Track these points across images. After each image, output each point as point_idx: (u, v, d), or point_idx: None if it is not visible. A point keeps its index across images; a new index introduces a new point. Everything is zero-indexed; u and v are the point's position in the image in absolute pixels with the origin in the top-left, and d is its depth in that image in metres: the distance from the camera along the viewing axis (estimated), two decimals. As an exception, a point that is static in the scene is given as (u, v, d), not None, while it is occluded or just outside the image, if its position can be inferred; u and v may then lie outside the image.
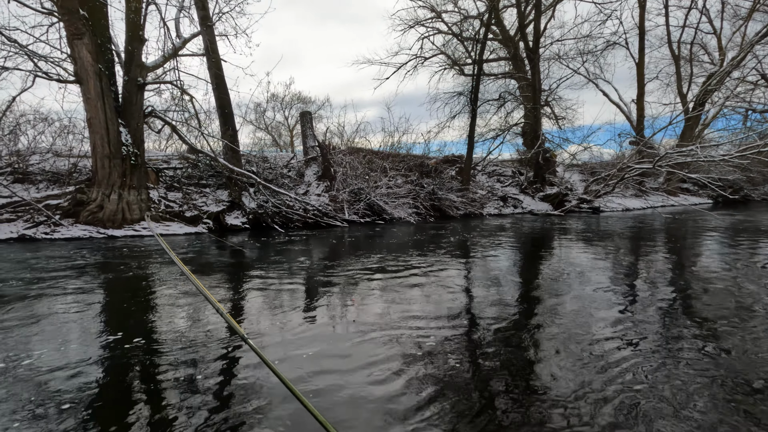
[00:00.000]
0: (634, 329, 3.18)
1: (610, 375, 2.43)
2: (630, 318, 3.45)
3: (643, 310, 3.67)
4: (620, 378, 2.40)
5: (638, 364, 2.57)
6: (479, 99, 16.72)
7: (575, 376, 2.42)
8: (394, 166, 14.26)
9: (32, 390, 2.28)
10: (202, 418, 2.01)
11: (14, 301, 3.99)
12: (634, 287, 4.53)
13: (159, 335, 3.14)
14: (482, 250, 7.20)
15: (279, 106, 25.52)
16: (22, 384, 2.34)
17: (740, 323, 3.31)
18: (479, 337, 3.06)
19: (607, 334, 3.06)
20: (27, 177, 9.79)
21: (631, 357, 2.67)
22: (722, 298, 4.06)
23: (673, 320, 3.41)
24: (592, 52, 20.38)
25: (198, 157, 11.55)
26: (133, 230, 9.04)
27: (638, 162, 15.34)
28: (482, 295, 4.23)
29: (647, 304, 3.86)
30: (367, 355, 2.72)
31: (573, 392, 2.24)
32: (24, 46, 8.85)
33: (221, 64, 11.22)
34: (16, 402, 2.16)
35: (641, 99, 20.68)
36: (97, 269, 5.52)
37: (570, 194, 16.36)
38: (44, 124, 11.29)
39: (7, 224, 8.45)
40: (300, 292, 4.44)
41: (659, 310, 3.66)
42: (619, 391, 2.25)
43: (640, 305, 3.82)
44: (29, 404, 2.13)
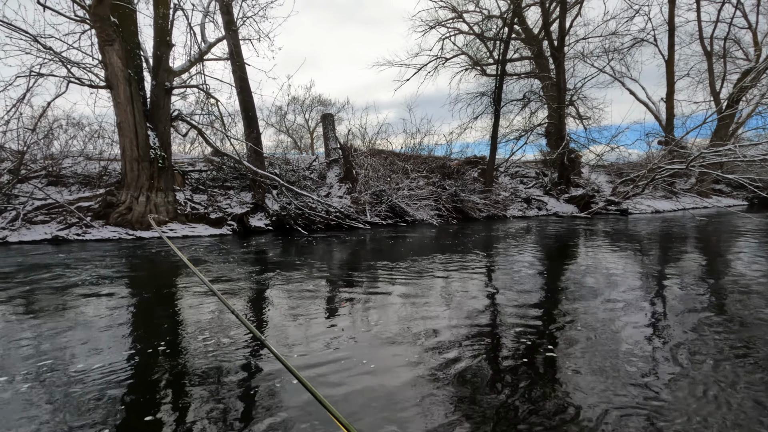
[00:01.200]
0: (666, 340, 2.98)
1: (637, 389, 2.27)
2: (661, 327, 3.26)
3: (675, 318, 3.46)
4: (649, 393, 2.23)
5: (669, 378, 2.40)
6: (502, 99, 16.45)
7: (601, 390, 2.27)
8: (415, 168, 14.15)
9: (63, 388, 2.28)
10: (223, 418, 1.96)
11: (48, 301, 4.07)
12: (666, 293, 4.30)
13: (183, 336, 3.13)
14: (506, 253, 7.02)
15: (300, 109, 25.75)
16: (54, 382, 2.35)
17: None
18: (501, 345, 2.93)
19: (636, 345, 2.87)
20: (60, 180, 10.10)
21: (661, 371, 2.50)
22: (760, 305, 3.81)
23: (707, 330, 3.18)
24: (618, 50, 19.82)
25: (223, 160, 11.70)
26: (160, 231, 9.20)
27: (669, 162, 14.78)
28: (506, 301, 4.08)
29: (679, 311, 3.64)
30: (386, 359, 2.64)
31: (598, 407, 2.10)
32: (58, 53, 9.14)
33: (245, 67, 11.35)
34: (47, 399, 2.16)
35: (671, 97, 19.97)
36: (126, 270, 5.60)
37: (596, 196, 15.90)
38: (76, 128, 11.63)
39: (42, 225, 8.72)
40: (321, 294, 4.39)
41: (692, 318, 3.44)
42: (645, 407, 2.10)
43: (672, 313, 3.60)
44: (60, 401, 2.13)
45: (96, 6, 8.29)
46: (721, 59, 20.50)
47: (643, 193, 15.55)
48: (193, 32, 10.61)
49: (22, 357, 2.77)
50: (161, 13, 9.47)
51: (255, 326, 3.39)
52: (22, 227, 8.47)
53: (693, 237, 8.97)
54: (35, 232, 8.48)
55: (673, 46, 19.76)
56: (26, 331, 3.28)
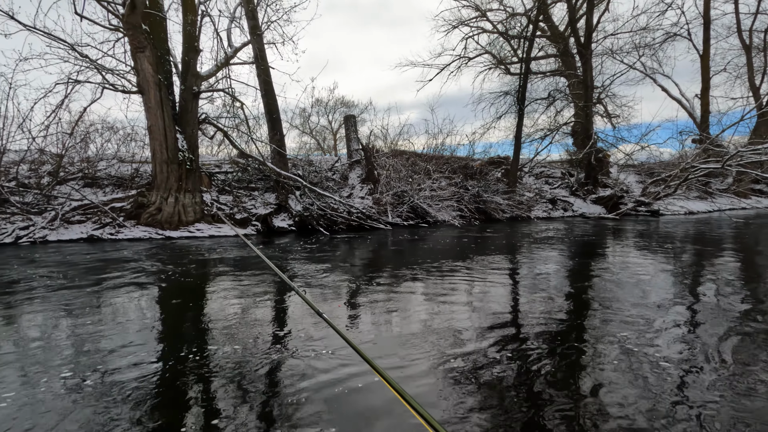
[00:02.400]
0: (702, 349, 2.85)
1: (672, 405, 2.19)
2: (696, 336, 3.12)
3: (712, 327, 3.30)
4: (683, 406, 2.15)
5: (706, 392, 2.30)
6: (526, 98, 16.15)
7: (632, 402, 2.20)
8: (437, 169, 14.09)
9: (99, 384, 2.39)
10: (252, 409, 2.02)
11: (85, 296, 4.27)
12: (701, 300, 4.11)
13: (211, 335, 3.22)
14: (530, 255, 6.90)
15: (323, 111, 26.03)
16: (86, 373, 2.47)
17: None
18: (526, 349, 2.88)
19: (670, 355, 2.76)
20: (95, 181, 10.57)
21: (697, 383, 2.40)
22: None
23: (747, 341, 3.04)
24: (649, 45, 19.13)
25: (247, 162, 11.97)
26: (188, 231, 9.50)
27: (704, 161, 14.17)
28: (530, 304, 4.01)
29: (717, 320, 3.46)
30: (407, 362, 2.63)
31: (632, 420, 2.03)
32: (94, 60, 9.58)
33: (269, 71, 11.58)
34: (79, 389, 2.27)
35: (706, 94, 19.14)
36: (156, 268, 5.82)
37: (625, 196, 15.41)
38: (110, 132, 12.16)
39: (78, 225, 9.15)
40: (343, 294, 4.43)
41: (731, 328, 3.28)
42: (682, 419, 2.02)
43: (708, 322, 3.42)
44: (94, 393, 2.24)
45: (129, 15, 8.64)
46: (761, 53, 19.50)
47: (676, 193, 14.97)
48: (220, 37, 10.92)
49: (61, 353, 2.92)
50: (189, 19, 9.78)
51: (277, 320, 3.46)
52: (60, 227, 8.91)
53: (729, 240, 8.57)
54: (72, 232, 8.90)
55: (708, 40, 18.95)
56: (65, 326, 3.46)
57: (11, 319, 3.64)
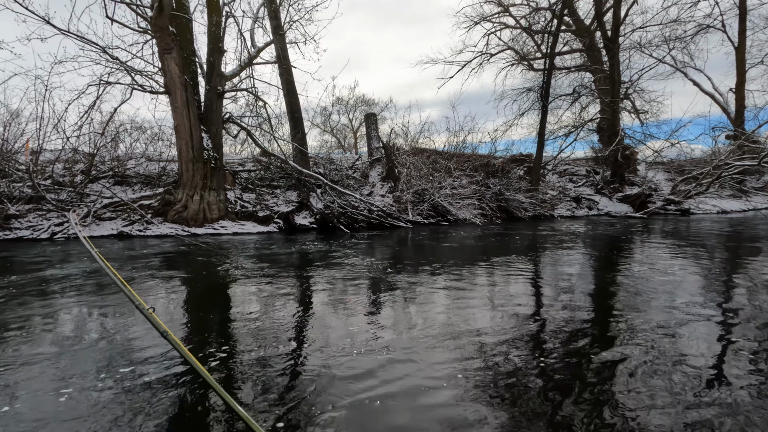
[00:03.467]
0: (731, 357, 2.72)
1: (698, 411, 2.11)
2: (726, 343, 2.98)
3: (743, 333, 3.13)
4: (713, 416, 2.07)
5: (732, 400, 2.21)
6: (550, 94, 15.83)
7: (657, 408, 2.13)
8: (458, 167, 13.96)
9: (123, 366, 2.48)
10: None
11: (113, 287, 4.44)
12: (734, 305, 3.93)
13: (232, 325, 3.29)
14: (553, 254, 6.77)
15: (344, 109, 26.20)
16: (114, 359, 2.56)
17: None
18: (549, 353, 2.83)
19: (699, 364, 2.62)
20: (125, 180, 10.94)
21: (723, 392, 2.29)
22: None
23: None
24: (680, 38, 18.45)
25: (270, 160, 12.15)
26: (212, 229, 9.72)
27: (739, 158, 13.59)
28: (553, 305, 3.93)
29: (748, 326, 3.29)
30: (427, 363, 2.62)
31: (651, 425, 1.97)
32: (124, 62, 9.89)
33: (291, 70, 11.72)
34: (104, 374, 2.36)
35: (741, 87, 18.32)
36: (183, 263, 5.98)
37: (654, 195, 14.92)
38: (139, 132, 12.56)
39: (109, 222, 9.48)
40: (363, 292, 4.45)
41: (763, 332, 3.13)
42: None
43: (740, 328, 3.26)
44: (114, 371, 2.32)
45: (156, 17, 8.87)
46: (802, 44, 18.52)
47: (708, 191, 14.41)
48: (243, 38, 11.09)
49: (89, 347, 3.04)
50: (214, 20, 9.98)
51: (300, 320, 3.51)
52: (92, 223, 9.26)
53: (763, 240, 8.19)
54: (103, 228, 9.24)
55: (744, 31, 18.11)
56: (95, 314, 3.60)
57: (49, 314, 3.81)
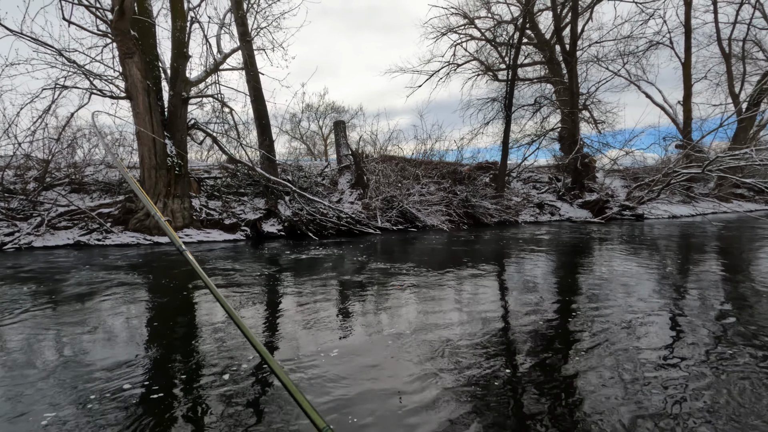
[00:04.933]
0: (683, 349, 2.97)
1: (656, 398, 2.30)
2: (678, 336, 3.25)
3: (692, 328, 3.43)
4: (668, 403, 2.27)
5: (686, 389, 2.42)
6: (514, 104, 16.42)
7: (617, 400, 2.31)
8: (426, 174, 14.23)
9: (80, 382, 2.43)
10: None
11: (71, 301, 4.28)
12: (683, 301, 4.26)
13: (195, 337, 3.27)
14: (518, 258, 7.03)
15: (314, 116, 26.15)
16: (71, 377, 2.50)
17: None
18: (513, 350, 2.98)
19: (652, 354, 2.87)
20: (82, 187, 10.50)
21: (678, 380, 2.51)
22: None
23: (725, 338, 3.17)
24: (633, 53, 19.62)
25: (237, 167, 11.99)
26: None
27: (686, 166, 14.53)
28: (518, 307, 4.12)
29: (697, 320, 3.61)
30: (396, 366, 2.71)
31: (612, 417, 2.14)
32: (81, 66, 9.55)
33: (259, 77, 11.65)
34: (65, 392, 2.31)
35: (688, 100, 19.64)
36: (143, 274, 5.82)
37: (611, 201, 15.70)
38: (98, 137, 12.08)
39: (65, 231, 9.08)
40: (333, 298, 4.50)
41: (711, 327, 3.43)
42: (664, 416, 2.13)
43: (689, 322, 3.57)
44: (78, 395, 2.28)
45: (117, 20, 8.65)
46: (740, 61, 20.08)
47: (659, 197, 15.30)
48: (209, 44, 10.96)
49: (46, 356, 2.94)
50: (179, 25, 9.82)
51: (267, 326, 3.52)
52: (46, 233, 8.83)
53: (710, 243, 8.81)
54: (59, 238, 8.84)
55: (689, 48, 19.46)
56: (51, 330, 3.48)
57: (-3, 325, 3.64)
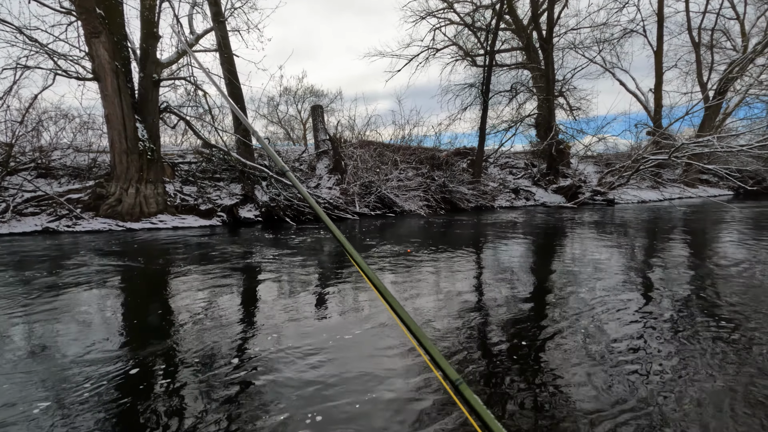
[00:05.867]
0: (650, 326, 3.17)
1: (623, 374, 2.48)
2: (645, 314, 3.45)
3: (658, 305, 3.65)
4: (634, 377, 2.45)
5: (653, 363, 2.62)
6: (491, 90, 16.56)
7: (588, 375, 2.48)
8: (404, 159, 14.30)
9: (54, 371, 2.46)
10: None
11: (41, 290, 4.22)
12: (649, 281, 4.51)
13: (173, 325, 3.31)
14: (493, 243, 7.24)
15: (292, 100, 25.66)
16: (45, 366, 2.52)
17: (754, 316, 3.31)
18: (490, 332, 3.14)
19: (622, 331, 3.05)
20: (49, 172, 10.15)
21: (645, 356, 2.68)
22: (741, 291, 4.03)
23: (689, 315, 3.40)
24: (608, 40, 19.94)
25: (212, 152, 11.78)
26: (150, 223, 9.32)
27: (654, 153, 15.05)
28: (494, 290, 4.29)
29: (663, 298, 3.85)
30: (373, 347, 2.83)
31: (584, 390, 2.31)
32: (44, 45, 9.15)
33: (233, 59, 11.38)
34: (40, 383, 2.34)
35: (659, 88, 20.19)
36: (116, 261, 5.76)
37: (584, 186, 16.16)
38: (65, 120, 11.65)
39: (32, 217, 8.81)
40: (311, 284, 4.58)
41: (675, 304, 3.65)
42: (629, 390, 2.32)
43: (656, 300, 3.80)
44: (52, 385, 2.31)
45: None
46: (709, 50, 20.68)
47: (629, 183, 15.84)
48: (181, 24, 10.62)
49: (15, 346, 2.94)
50: (147, 4, 9.47)
51: (243, 314, 3.58)
52: (12, 219, 8.56)
53: (675, 227, 9.23)
54: (25, 224, 8.57)
55: (661, 37, 19.90)
56: (20, 321, 3.45)
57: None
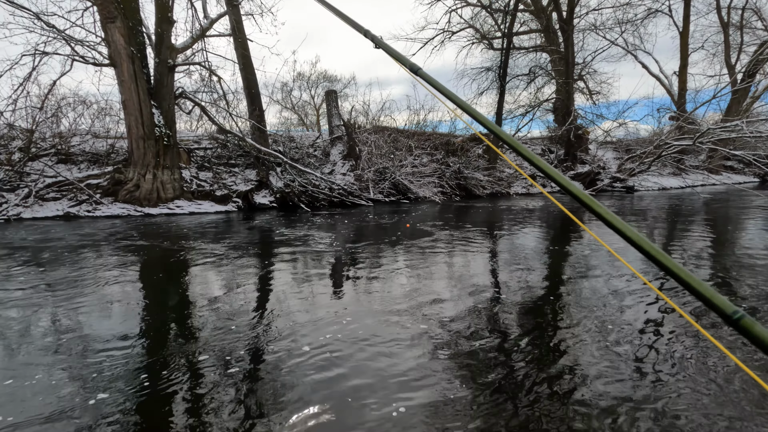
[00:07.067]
0: (666, 317, 3.11)
1: (637, 365, 2.42)
2: (663, 300, 3.38)
3: (677, 293, 3.58)
4: (648, 368, 2.39)
5: (669, 355, 2.54)
6: (508, 74, 16.16)
7: (602, 367, 2.42)
8: (419, 145, 14.14)
9: (78, 350, 2.50)
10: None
11: (65, 274, 4.31)
12: None
13: (192, 308, 3.34)
14: (509, 230, 7.13)
15: (305, 85, 25.53)
16: (69, 345, 2.57)
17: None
18: (502, 323, 3.09)
19: (639, 319, 3.01)
20: (69, 158, 10.32)
21: (662, 347, 2.63)
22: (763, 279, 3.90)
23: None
24: (631, 21, 19.23)
25: (227, 138, 11.81)
26: (167, 209, 9.44)
27: (677, 138, 14.55)
28: (507, 279, 4.22)
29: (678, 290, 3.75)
30: (388, 333, 2.80)
31: (599, 382, 2.26)
32: (62, 31, 9.19)
33: (247, 44, 11.30)
34: (63, 362, 2.38)
35: (684, 71, 19.45)
36: (136, 245, 5.85)
37: (602, 173, 15.80)
38: (83, 106, 11.77)
39: (54, 203, 9.00)
40: (326, 270, 4.57)
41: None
42: (637, 375, 2.25)
43: (671, 290, 3.72)
44: (75, 364, 2.35)
45: (96, -18, 8.27)
46: (738, 30, 19.79)
47: (650, 169, 15.40)
48: (195, 8, 10.56)
49: (41, 329, 3.00)
50: (162, -12, 9.41)
51: (261, 298, 3.59)
52: (34, 204, 8.75)
53: (697, 214, 8.97)
54: (47, 209, 8.77)
55: (688, 17, 19.11)
56: (46, 304, 3.52)
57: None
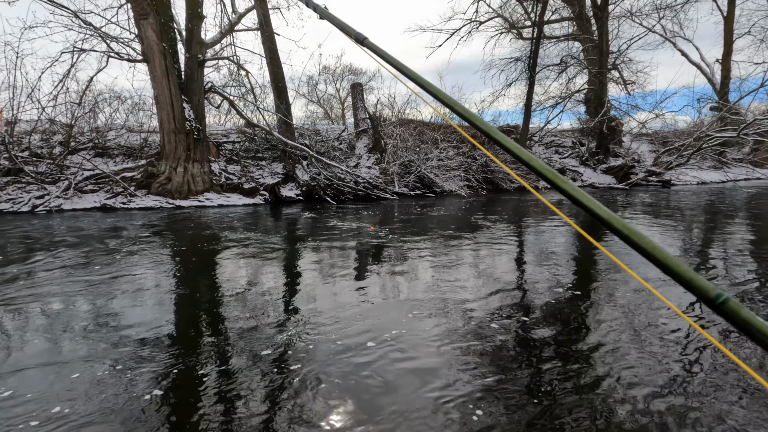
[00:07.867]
0: (702, 320, 2.95)
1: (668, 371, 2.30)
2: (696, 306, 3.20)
3: None
4: (680, 375, 2.26)
5: (701, 361, 2.40)
6: (538, 64, 15.70)
7: (633, 370, 2.31)
8: (445, 138, 13.95)
9: (109, 333, 2.57)
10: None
11: (104, 261, 4.47)
12: (707, 271, 4.16)
13: (221, 297, 3.39)
14: (536, 225, 6.94)
15: (330, 79, 25.59)
16: (103, 331, 2.65)
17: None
18: (530, 319, 3.00)
19: (672, 324, 2.86)
20: (105, 151, 10.71)
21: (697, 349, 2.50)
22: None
23: (749, 304, 3.11)
24: (670, 6, 18.26)
25: (254, 131, 11.98)
26: (197, 201, 9.67)
27: (719, 130, 13.80)
28: (535, 275, 4.10)
29: (719, 285, 3.55)
30: (415, 330, 2.76)
31: (629, 389, 2.15)
32: (98, 28, 9.50)
33: (275, 37, 11.37)
34: (98, 347, 2.45)
35: (727, 58, 18.36)
36: (170, 235, 6.01)
37: (637, 166, 15.17)
38: (118, 102, 12.19)
39: (92, 194, 9.37)
40: (350, 263, 4.56)
41: (731, 290, 3.35)
42: (671, 390, 2.13)
43: None
44: (110, 348, 2.41)
45: (130, -20, 8.48)
46: (790, 14, 18.50)
47: (689, 163, 14.68)
48: (223, 3, 10.71)
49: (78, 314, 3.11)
50: (192, -16, 9.57)
51: (288, 289, 3.62)
52: (74, 196, 9.13)
53: (740, 210, 8.49)
54: (86, 201, 9.13)
55: (733, 0, 17.99)
56: (84, 291, 3.66)
57: (35, 286, 3.85)
